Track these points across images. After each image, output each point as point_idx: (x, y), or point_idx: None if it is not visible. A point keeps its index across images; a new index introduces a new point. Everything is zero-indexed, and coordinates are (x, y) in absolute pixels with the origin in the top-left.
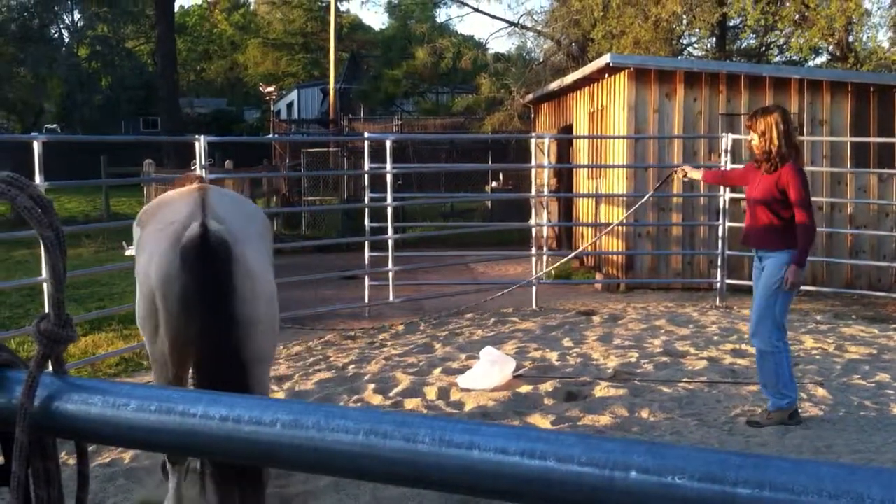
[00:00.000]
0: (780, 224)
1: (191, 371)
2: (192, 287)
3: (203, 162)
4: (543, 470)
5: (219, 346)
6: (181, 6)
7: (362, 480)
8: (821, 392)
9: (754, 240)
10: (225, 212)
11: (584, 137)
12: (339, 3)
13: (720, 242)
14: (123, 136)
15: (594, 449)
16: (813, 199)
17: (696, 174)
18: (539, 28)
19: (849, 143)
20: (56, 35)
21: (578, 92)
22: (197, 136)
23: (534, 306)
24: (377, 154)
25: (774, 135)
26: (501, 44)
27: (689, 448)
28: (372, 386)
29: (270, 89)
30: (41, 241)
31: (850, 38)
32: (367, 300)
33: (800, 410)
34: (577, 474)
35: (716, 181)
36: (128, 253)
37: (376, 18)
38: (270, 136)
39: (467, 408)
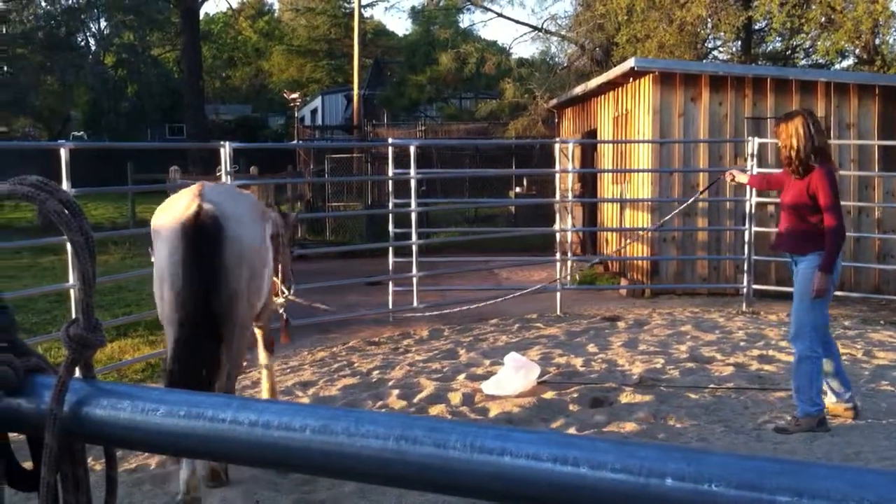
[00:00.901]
0: (810, 228)
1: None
2: (190, 253)
3: (228, 168)
4: (576, 477)
5: (203, 304)
6: (206, 13)
7: (392, 487)
8: None
9: (786, 244)
10: (216, 197)
11: (608, 142)
12: (362, 10)
13: (746, 247)
14: (149, 143)
15: (628, 455)
16: (841, 203)
17: (744, 178)
18: (563, 32)
19: (876, 147)
20: (83, 43)
21: (603, 96)
22: (222, 143)
23: (558, 312)
24: (401, 160)
25: (795, 140)
26: (525, 48)
27: (726, 455)
28: (396, 392)
29: (295, 96)
30: (70, 246)
31: (877, 41)
32: (391, 306)
33: (828, 417)
34: (611, 481)
35: (759, 185)
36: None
37: (400, 24)
38: (295, 142)
39: (492, 414)
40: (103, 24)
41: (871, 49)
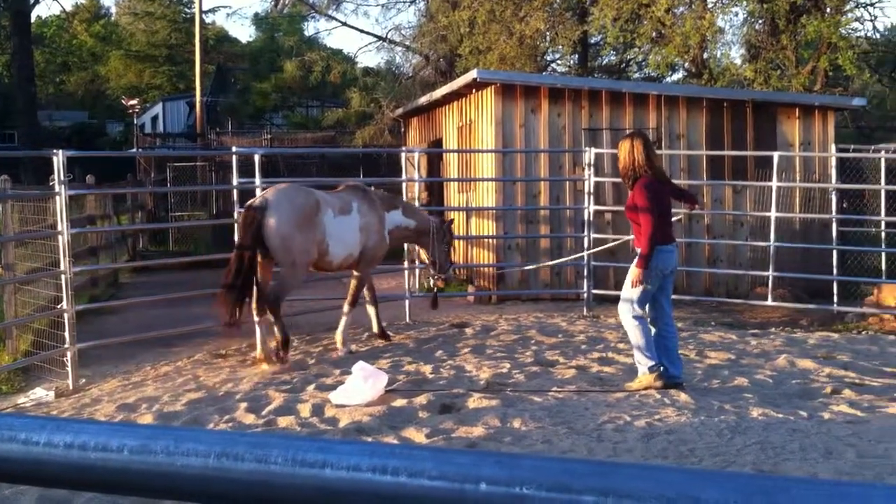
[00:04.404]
0: (638, 228)
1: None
2: (242, 227)
3: (62, 177)
4: (396, 486)
5: (249, 256)
6: (38, 17)
7: None
8: (683, 397)
9: (635, 241)
10: (271, 196)
11: (453, 151)
12: (204, 15)
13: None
14: None
15: (445, 462)
16: (673, 210)
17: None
18: (407, 43)
19: (705, 157)
20: None
21: (447, 106)
22: (55, 151)
23: (407, 320)
24: (246, 168)
25: (625, 157)
26: (371, 58)
27: (538, 458)
28: (244, 405)
29: (133, 102)
30: None
31: (705, 55)
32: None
33: (664, 417)
34: (429, 488)
35: None
36: None
37: (243, 31)
38: (134, 150)
39: (342, 424)
40: None
41: (699, 63)
